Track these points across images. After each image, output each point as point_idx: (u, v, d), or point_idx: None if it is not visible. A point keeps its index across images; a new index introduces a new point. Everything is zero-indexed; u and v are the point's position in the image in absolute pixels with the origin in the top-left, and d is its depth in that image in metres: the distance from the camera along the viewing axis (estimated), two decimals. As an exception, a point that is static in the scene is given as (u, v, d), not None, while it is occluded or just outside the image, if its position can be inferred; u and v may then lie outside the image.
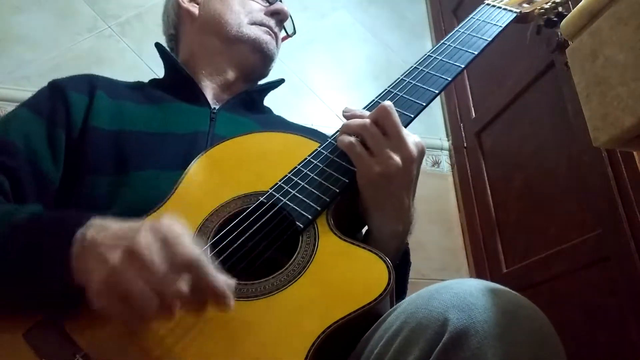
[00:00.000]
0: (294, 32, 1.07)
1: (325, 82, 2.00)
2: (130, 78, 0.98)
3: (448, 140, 2.05)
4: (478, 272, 1.83)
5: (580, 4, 0.55)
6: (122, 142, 0.78)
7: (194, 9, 0.97)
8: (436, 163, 1.99)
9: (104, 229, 0.54)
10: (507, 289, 0.49)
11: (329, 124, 1.00)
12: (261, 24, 0.95)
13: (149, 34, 0.94)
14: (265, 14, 0.96)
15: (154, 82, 0.97)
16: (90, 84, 0.85)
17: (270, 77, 1.04)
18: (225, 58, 0.94)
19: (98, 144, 0.77)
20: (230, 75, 0.95)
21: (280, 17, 0.98)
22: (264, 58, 0.95)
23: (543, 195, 1.60)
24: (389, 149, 0.63)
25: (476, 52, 0.76)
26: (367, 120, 0.64)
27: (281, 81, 1.03)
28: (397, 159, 0.62)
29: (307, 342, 0.49)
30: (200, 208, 0.64)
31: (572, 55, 0.56)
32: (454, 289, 0.47)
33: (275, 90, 1.03)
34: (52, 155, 0.76)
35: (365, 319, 0.52)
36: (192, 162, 0.71)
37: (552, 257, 1.51)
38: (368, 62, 2.11)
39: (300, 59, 2.00)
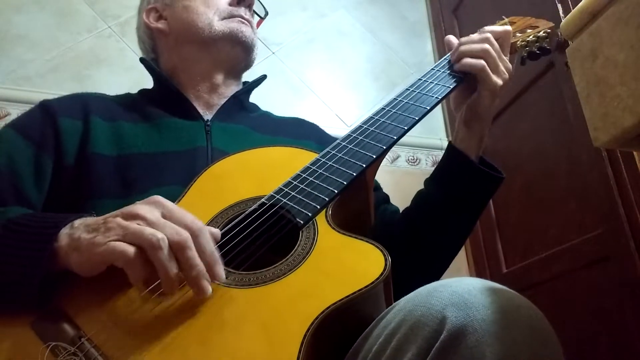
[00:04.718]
0: (266, 14, 1.05)
1: (325, 82, 2.00)
2: (130, 78, 0.98)
3: (448, 141, 2.05)
4: (478, 271, 1.83)
5: (580, 4, 0.55)
6: (124, 167, 0.78)
7: (163, 25, 0.96)
8: (436, 163, 1.99)
9: (91, 217, 0.58)
10: (505, 287, 0.49)
11: (329, 124, 1.00)
12: (231, 16, 0.93)
13: (149, 34, 0.92)
14: (231, 4, 0.95)
15: (144, 93, 0.96)
16: (84, 108, 0.84)
17: (269, 74, 1.03)
18: (207, 62, 0.93)
19: (101, 170, 0.76)
20: (218, 78, 0.94)
21: (247, 2, 0.96)
22: (245, 49, 0.94)
23: (543, 195, 1.60)
24: (504, 62, 0.81)
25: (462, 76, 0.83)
26: (492, 42, 0.81)
27: (264, 77, 1.02)
28: (507, 73, 0.81)
29: (305, 324, 0.50)
30: (205, 212, 0.67)
31: (572, 55, 0.56)
32: (452, 287, 0.48)
33: (276, 90, 1.03)
34: (35, 180, 0.75)
35: (361, 305, 0.54)
36: (196, 176, 0.73)
37: (552, 257, 1.51)
38: (368, 62, 2.11)
39: (300, 59, 2.00)
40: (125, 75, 1.64)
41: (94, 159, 0.77)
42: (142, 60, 0.96)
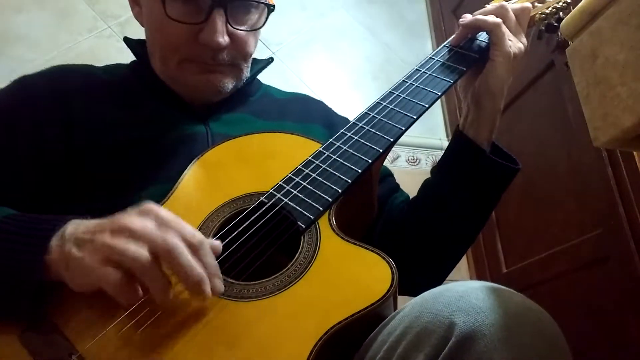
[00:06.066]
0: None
1: (324, 82, 2.00)
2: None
3: (448, 140, 2.05)
4: (478, 271, 1.83)
5: (580, 4, 0.55)
6: (116, 161, 0.70)
7: (140, 17, 0.80)
8: (436, 163, 1.98)
9: (83, 224, 0.54)
10: (512, 290, 0.48)
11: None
12: (192, 60, 0.74)
13: (149, 33, 0.91)
14: (189, 41, 0.73)
15: (137, 70, 0.83)
16: (66, 90, 0.75)
17: (268, 74, 0.92)
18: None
19: (91, 165, 0.70)
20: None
21: (214, 49, 0.72)
22: (214, 95, 0.78)
23: (543, 195, 1.60)
24: (519, 37, 0.76)
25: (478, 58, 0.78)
26: (509, 10, 0.76)
27: (270, 60, 0.90)
28: (522, 45, 0.75)
29: (309, 345, 0.48)
30: (199, 209, 0.63)
31: (572, 55, 0.56)
32: (459, 291, 0.46)
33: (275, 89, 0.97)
34: (26, 175, 0.69)
35: (367, 321, 0.52)
36: (189, 165, 0.67)
37: (552, 257, 1.51)
38: (367, 62, 2.11)
39: (300, 59, 2.00)
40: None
41: (83, 151, 0.70)
42: (125, 40, 0.84)
